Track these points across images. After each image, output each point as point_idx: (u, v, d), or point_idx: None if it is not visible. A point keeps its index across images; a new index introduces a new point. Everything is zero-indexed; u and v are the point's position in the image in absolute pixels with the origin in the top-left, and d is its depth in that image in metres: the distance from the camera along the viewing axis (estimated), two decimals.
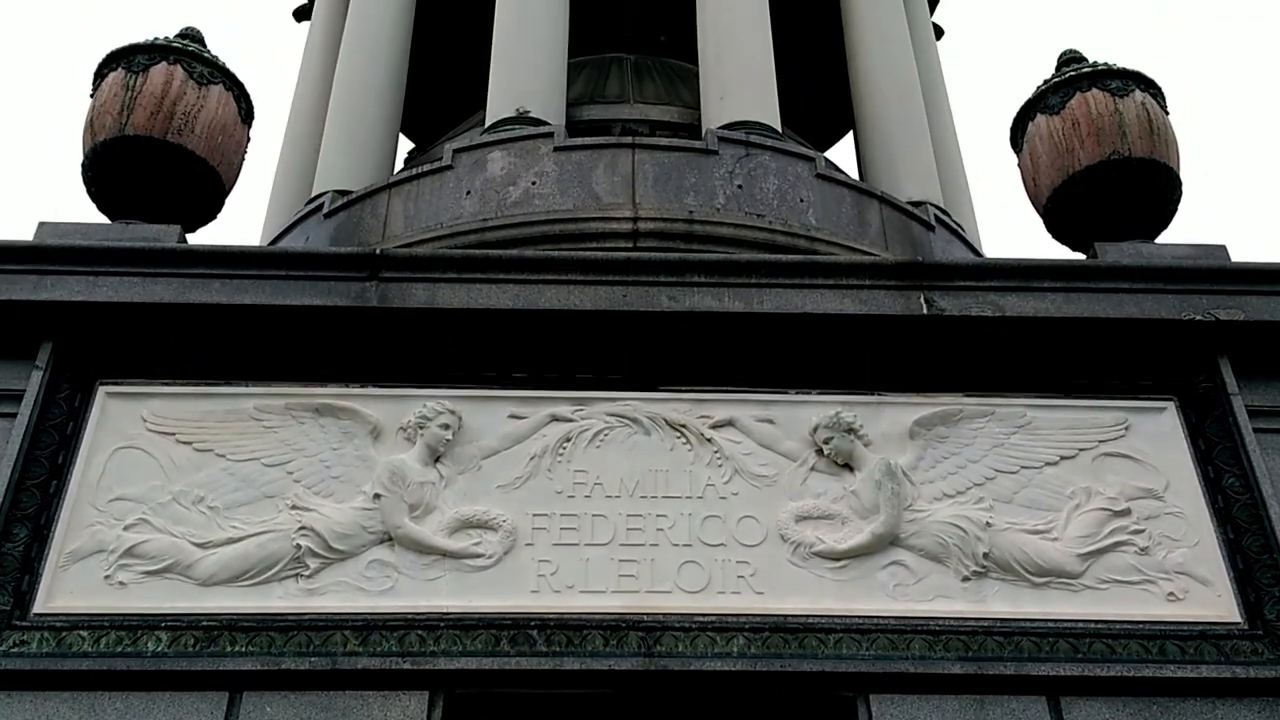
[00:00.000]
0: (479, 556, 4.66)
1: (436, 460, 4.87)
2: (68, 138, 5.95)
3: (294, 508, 4.72)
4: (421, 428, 4.90)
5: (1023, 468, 4.95)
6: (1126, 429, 5.06)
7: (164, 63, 5.83)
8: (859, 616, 4.54)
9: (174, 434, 4.89)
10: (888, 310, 5.18)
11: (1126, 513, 4.83)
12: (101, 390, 4.98)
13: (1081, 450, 5.00)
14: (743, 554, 4.70)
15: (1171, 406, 5.12)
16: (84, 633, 4.40)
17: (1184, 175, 5.96)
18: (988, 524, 4.77)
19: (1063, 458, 4.98)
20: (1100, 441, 5.03)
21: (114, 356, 5.06)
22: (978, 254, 7.80)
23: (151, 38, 5.97)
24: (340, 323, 5.12)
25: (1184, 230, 6.09)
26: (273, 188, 8.65)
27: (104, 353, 5.05)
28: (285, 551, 4.62)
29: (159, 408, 4.96)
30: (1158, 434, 5.05)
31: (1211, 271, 5.30)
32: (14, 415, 4.81)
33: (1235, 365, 5.12)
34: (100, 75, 5.91)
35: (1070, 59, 6.27)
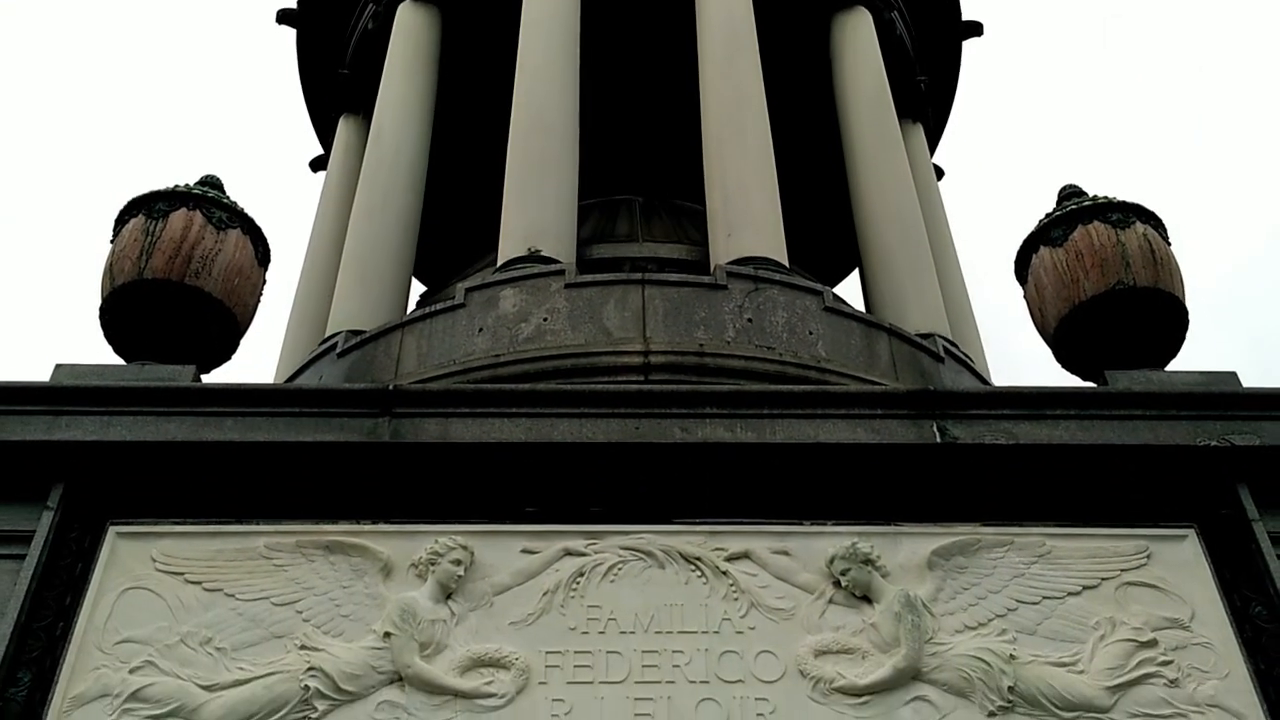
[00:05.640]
0: (491, 696, 4.55)
1: (448, 597, 4.80)
2: (89, 286, 6.13)
3: (303, 648, 4.63)
4: (433, 564, 4.85)
5: (1045, 598, 4.86)
6: (1148, 557, 4.99)
7: (184, 208, 5.97)
8: None
9: (183, 574, 4.84)
10: (901, 439, 5.17)
11: (1153, 644, 4.72)
12: (112, 530, 4.96)
13: (1104, 580, 4.92)
14: (761, 690, 4.59)
15: (1193, 534, 5.05)
16: None
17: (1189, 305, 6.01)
18: (1011, 656, 4.66)
19: (1085, 587, 4.89)
20: (1122, 570, 4.95)
21: (125, 496, 5.04)
22: (988, 384, 7.81)
23: (172, 185, 6.13)
24: (352, 459, 5.12)
25: (1193, 359, 6.05)
26: (287, 329, 8.77)
27: (116, 493, 5.04)
28: (293, 693, 4.51)
29: (169, 547, 4.92)
30: (1180, 562, 4.97)
31: (1224, 397, 5.30)
32: (23, 557, 4.78)
33: (1254, 491, 5.07)
34: (121, 222, 6.05)
35: (1071, 193, 6.40)
